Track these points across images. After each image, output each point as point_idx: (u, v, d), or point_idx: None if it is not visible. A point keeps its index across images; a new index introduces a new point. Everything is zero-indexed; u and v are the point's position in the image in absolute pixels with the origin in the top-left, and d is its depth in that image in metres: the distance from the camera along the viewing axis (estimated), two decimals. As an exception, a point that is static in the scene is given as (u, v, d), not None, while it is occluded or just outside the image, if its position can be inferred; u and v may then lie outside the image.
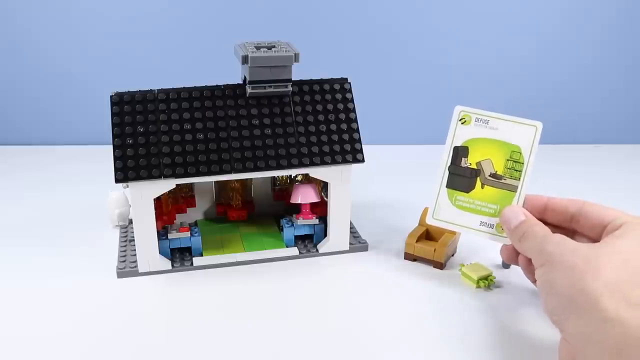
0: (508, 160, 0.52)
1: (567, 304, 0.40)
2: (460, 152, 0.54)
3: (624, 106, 1.05)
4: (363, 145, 0.61)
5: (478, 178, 0.53)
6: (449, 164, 0.54)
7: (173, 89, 0.59)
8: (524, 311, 0.54)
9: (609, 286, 0.38)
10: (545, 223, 0.48)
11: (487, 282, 0.58)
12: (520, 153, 0.52)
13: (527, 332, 0.51)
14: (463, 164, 0.54)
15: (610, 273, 0.39)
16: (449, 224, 0.54)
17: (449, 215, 0.54)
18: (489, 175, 0.53)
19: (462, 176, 0.54)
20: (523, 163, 0.52)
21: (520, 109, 0.60)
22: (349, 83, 0.63)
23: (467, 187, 0.53)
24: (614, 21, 0.98)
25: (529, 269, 0.49)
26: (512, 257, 0.52)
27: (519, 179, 0.52)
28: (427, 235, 0.64)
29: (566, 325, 0.40)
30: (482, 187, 0.53)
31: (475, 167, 0.53)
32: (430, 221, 0.55)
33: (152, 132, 0.57)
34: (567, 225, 0.49)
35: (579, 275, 0.40)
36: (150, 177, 0.55)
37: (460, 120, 0.54)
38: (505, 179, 0.52)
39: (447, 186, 0.54)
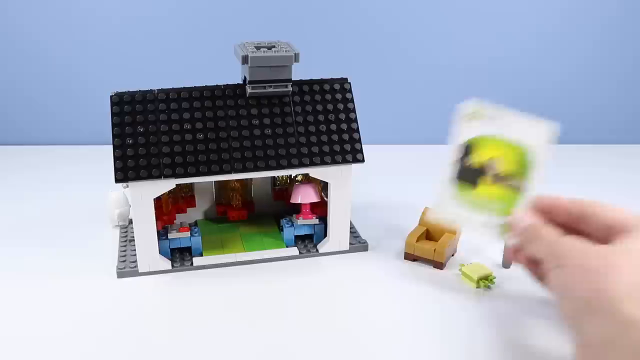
0: (517, 159, 0.51)
1: (583, 307, 0.38)
2: (468, 149, 0.52)
3: (624, 106, 1.05)
4: (363, 145, 0.61)
5: (485, 176, 0.52)
6: (456, 160, 0.52)
7: (173, 89, 0.59)
8: (524, 312, 0.54)
9: (628, 288, 0.37)
10: (552, 223, 0.47)
11: (487, 282, 0.58)
12: (530, 153, 0.50)
13: (527, 333, 0.51)
14: (470, 161, 0.52)
15: (629, 274, 0.37)
16: (453, 221, 0.53)
17: (453, 212, 0.52)
18: (497, 174, 0.51)
19: (469, 173, 0.52)
20: (532, 163, 0.50)
21: (520, 109, 0.60)
22: (349, 83, 0.63)
23: (474, 185, 0.52)
24: (614, 21, 0.98)
25: (534, 270, 0.48)
26: (516, 256, 0.51)
27: (527, 179, 0.50)
28: (427, 235, 0.64)
29: (583, 329, 0.39)
30: (489, 186, 0.52)
31: (482, 165, 0.52)
32: (434, 216, 0.53)
33: (152, 132, 0.57)
34: (574, 225, 0.47)
35: (595, 277, 0.38)
36: (150, 177, 0.55)
37: (469, 116, 0.52)
38: (512, 179, 0.51)
39: (454, 183, 0.52)
